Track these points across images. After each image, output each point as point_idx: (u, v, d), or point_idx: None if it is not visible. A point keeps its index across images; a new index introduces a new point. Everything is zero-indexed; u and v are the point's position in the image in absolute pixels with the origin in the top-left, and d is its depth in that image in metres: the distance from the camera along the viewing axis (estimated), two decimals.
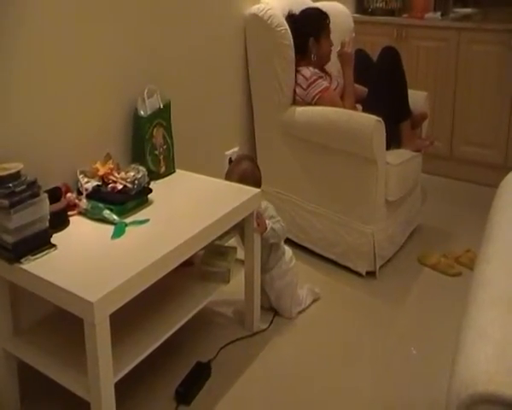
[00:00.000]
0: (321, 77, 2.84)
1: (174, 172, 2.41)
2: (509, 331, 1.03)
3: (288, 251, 2.48)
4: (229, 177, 2.38)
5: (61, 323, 1.88)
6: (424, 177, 3.29)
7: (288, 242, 2.92)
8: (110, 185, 2.02)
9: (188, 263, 2.15)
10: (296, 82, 2.85)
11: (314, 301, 2.57)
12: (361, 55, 3.20)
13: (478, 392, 0.91)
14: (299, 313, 2.49)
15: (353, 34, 3.50)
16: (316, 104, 2.80)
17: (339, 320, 2.47)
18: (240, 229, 2.31)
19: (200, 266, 2.23)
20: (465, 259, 2.85)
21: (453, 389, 0.96)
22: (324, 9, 3.01)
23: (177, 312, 1.98)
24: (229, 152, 2.95)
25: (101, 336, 1.53)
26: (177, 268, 1.82)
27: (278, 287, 2.41)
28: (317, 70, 2.87)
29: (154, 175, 2.27)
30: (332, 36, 3.00)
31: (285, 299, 2.43)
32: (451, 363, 1.04)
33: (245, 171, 2.37)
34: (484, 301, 1.14)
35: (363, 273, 2.75)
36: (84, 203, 1.95)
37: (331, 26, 2.99)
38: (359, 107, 2.93)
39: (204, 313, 2.25)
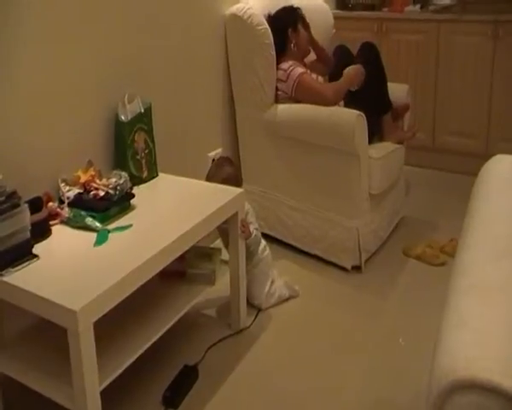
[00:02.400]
0: (298, 66, 2.84)
1: (157, 176, 2.39)
2: (486, 318, 1.03)
3: (261, 241, 2.48)
4: (211, 181, 2.37)
5: (44, 334, 1.87)
6: (407, 169, 3.30)
7: (273, 240, 2.94)
8: (92, 192, 2.01)
9: (180, 273, 2.15)
10: (277, 78, 2.84)
11: (291, 297, 2.56)
12: (342, 50, 3.19)
13: (457, 379, 0.91)
14: (278, 305, 2.50)
15: (333, 30, 3.50)
16: (296, 93, 2.79)
17: (325, 315, 2.47)
18: (222, 230, 2.30)
19: (189, 269, 2.22)
20: (449, 248, 2.85)
21: (433, 378, 0.97)
22: (304, 6, 3.04)
23: (162, 316, 1.97)
24: (212, 154, 2.93)
25: (85, 344, 1.52)
26: (169, 277, 1.80)
27: (250, 275, 2.41)
28: (296, 62, 2.88)
29: (137, 180, 2.26)
30: (312, 32, 3.03)
31: (256, 287, 2.44)
32: (432, 353, 1.04)
33: (229, 175, 2.39)
34: (462, 288, 1.14)
35: (349, 268, 2.75)
36: (66, 212, 1.94)
37: (311, 23, 3.02)
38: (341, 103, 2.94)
39: (189, 315, 2.24)
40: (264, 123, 2.89)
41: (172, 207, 2.09)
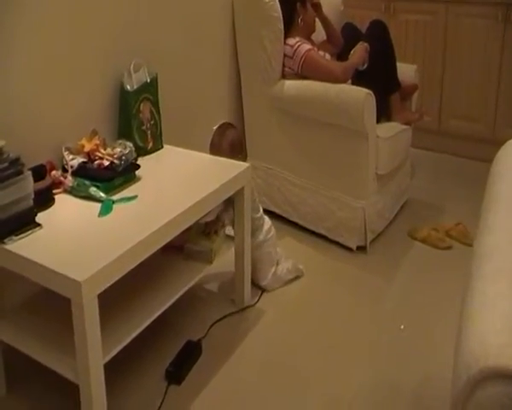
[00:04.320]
0: (305, 43, 2.77)
1: (162, 147, 2.36)
2: None
3: (267, 222, 2.44)
4: (216, 149, 2.31)
5: (46, 304, 1.83)
6: (412, 151, 3.25)
7: (277, 217, 2.90)
8: (96, 162, 1.97)
9: (178, 247, 2.10)
10: (284, 54, 2.78)
11: (297, 277, 2.53)
12: (350, 27, 3.15)
13: (489, 366, 0.87)
14: (282, 285, 2.47)
15: (342, 7, 3.43)
16: (303, 70, 2.73)
17: (329, 295, 2.44)
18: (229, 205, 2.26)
19: (186, 244, 2.17)
20: (455, 232, 2.82)
21: (461, 364, 0.92)
22: None
23: (165, 291, 1.93)
24: (217, 126, 2.88)
25: (89, 316, 1.48)
26: (166, 250, 1.77)
27: (255, 257, 2.37)
28: (302, 38, 2.81)
29: (142, 151, 2.23)
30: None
31: (261, 268, 2.41)
32: (457, 338, 1.00)
33: (233, 140, 2.34)
34: (489, 272, 1.09)
35: (354, 248, 2.72)
36: (69, 181, 1.90)
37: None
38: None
39: (191, 290, 2.20)
40: (270, 98, 2.84)
41: (178, 180, 2.05)
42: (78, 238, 1.63)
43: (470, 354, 0.91)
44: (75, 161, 1.95)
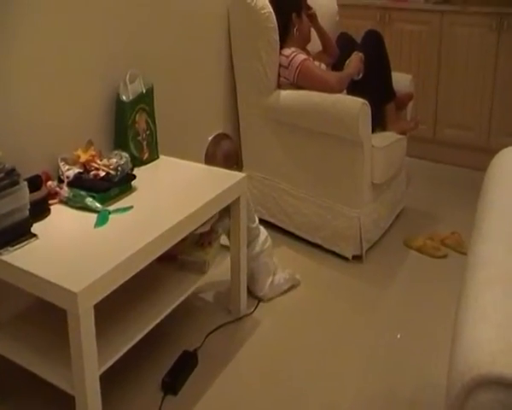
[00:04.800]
0: (301, 53, 2.79)
1: (158, 158, 2.36)
2: (510, 311, 0.99)
3: (263, 232, 2.45)
4: (211, 160, 2.32)
5: (42, 315, 1.83)
6: (408, 160, 3.27)
7: (273, 227, 2.90)
8: (92, 172, 1.98)
9: (171, 257, 2.11)
10: (279, 64, 2.80)
11: (293, 286, 2.53)
12: (345, 37, 3.17)
13: (482, 374, 0.88)
14: (278, 295, 2.47)
15: (337, 17, 3.45)
16: (298, 80, 2.74)
17: (325, 304, 2.44)
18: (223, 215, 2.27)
19: (180, 255, 2.18)
20: (451, 241, 2.83)
21: (455, 372, 0.93)
22: None
23: (161, 301, 1.94)
24: (212, 136, 2.88)
25: (85, 327, 1.48)
26: (160, 260, 1.77)
27: (252, 267, 2.38)
28: (298, 48, 2.83)
29: (138, 161, 2.23)
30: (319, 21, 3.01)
31: (258, 279, 2.41)
32: (451, 346, 1.01)
33: (228, 150, 2.35)
34: (483, 280, 1.10)
35: (350, 257, 2.73)
36: (65, 191, 1.90)
37: (315, 8, 2.98)
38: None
39: (187, 299, 2.20)
40: (265, 108, 2.85)
41: (174, 191, 2.05)
42: (73, 249, 1.63)
43: (464, 361, 0.92)
44: (71, 172, 1.95)
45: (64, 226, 1.77)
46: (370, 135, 2.63)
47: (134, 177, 2.04)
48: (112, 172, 1.97)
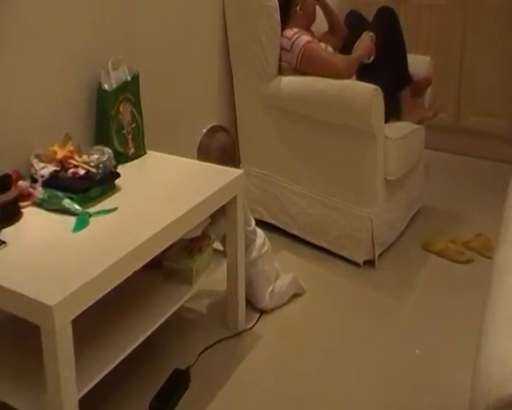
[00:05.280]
0: (304, 34, 2.79)
1: (145, 153, 2.37)
2: None
3: (260, 235, 2.45)
4: (204, 155, 2.31)
5: (12, 333, 1.82)
6: (427, 152, 3.27)
7: (274, 229, 2.91)
8: (70, 170, 1.97)
9: (155, 264, 2.10)
10: (281, 47, 2.80)
11: (297, 295, 2.54)
12: (354, 16, 3.17)
13: (509, 393, 0.87)
14: (281, 306, 2.47)
15: None
16: (302, 64, 2.74)
17: (333, 316, 2.44)
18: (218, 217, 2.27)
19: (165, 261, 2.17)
20: (476, 244, 2.83)
21: (478, 391, 0.92)
22: None
23: (148, 315, 1.93)
24: (206, 128, 2.88)
25: (62, 345, 1.47)
26: (144, 267, 1.77)
27: (249, 275, 2.38)
28: (301, 29, 2.83)
29: (122, 158, 2.24)
30: None
31: (257, 288, 2.41)
32: (474, 361, 1.00)
33: (225, 143, 2.34)
34: (510, 288, 1.09)
35: (361, 263, 2.73)
36: (39, 192, 1.89)
37: None
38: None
39: (179, 312, 2.21)
40: (266, 96, 2.86)
41: (162, 190, 2.05)
42: (48, 257, 1.63)
43: (489, 379, 0.92)
44: (46, 170, 1.94)
45: (38, 231, 1.76)
46: (383, 125, 2.63)
47: (118, 175, 2.04)
48: (93, 169, 1.96)
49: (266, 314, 2.42)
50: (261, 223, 2.59)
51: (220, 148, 2.31)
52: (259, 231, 2.46)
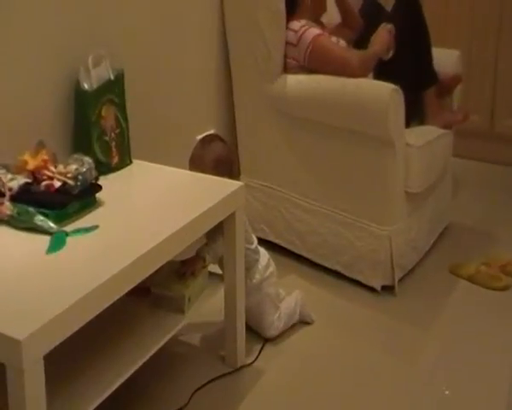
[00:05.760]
0: (313, 26, 2.81)
1: (130, 163, 2.38)
2: None
3: (264, 254, 2.46)
4: (198, 166, 2.32)
5: None
6: (455, 161, 3.27)
7: (279, 250, 2.93)
8: (44, 183, 1.96)
9: (142, 290, 2.10)
10: (286, 41, 2.82)
11: (305, 324, 2.55)
12: (371, 4, 3.19)
13: None
14: (287, 338, 2.47)
15: None
16: (310, 61, 2.76)
17: (347, 350, 2.44)
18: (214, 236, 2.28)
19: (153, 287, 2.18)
20: None
21: None
22: None
23: (132, 350, 1.92)
24: (201, 137, 2.90)
25: (31, 385, 1.46)
26: (128, 296, 1.77)
27: (251, 302, 2.39)
28: (309, 21, 2.85)
29: (105, 168, 2.25)
30: None
31: (262, 315, 2.42)
32: (508, 400, 1.00)
33: (219, 155, 2.34)
34: None
35: (378, 288, 2.74)
36: (7, 208, 1.88)
37: None
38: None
39: (169, 345, 2.21)
40: (269, 98, 2.88)
41: (150, 205, 2.05)
42: (17, 283, 1.62)
43: None
44: (15, 183, 1.94)
45: (5, 253, 1.76)
46: (404, 130, 2.64)
47: (99, 188, 2.04)
48: (70, 181, 1.96)
49: (269, 347, 2.43)
50: (264, 243, 2.58)
51: (215, 159, 2.31)
52: (263, 251, 2.47)
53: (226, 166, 2.29)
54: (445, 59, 3.11)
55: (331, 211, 2.81)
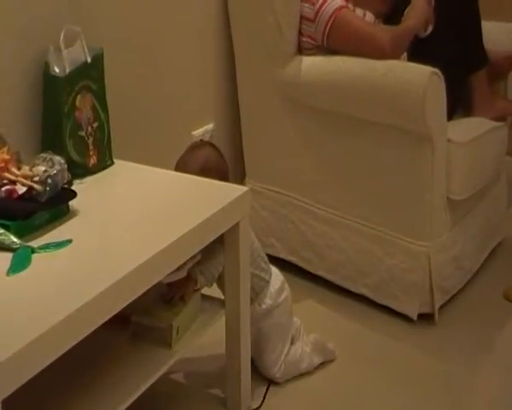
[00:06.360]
0: None
1: (111, 164, 2.40)
2: None
3: (277, 276, 2.46)
4: (181, 171, 2.33)
5: None
6: (510, 161, 3.24)
7: (293, 269, 2.93)
8: (5, 188, 1.96)
9: (120, 319, 2.07)
10: (301, 16, 2.81)
11: (325, 362, 2.54)
12: None
13: None
14: (297, 377, 2.46)
15: None
16: (330, 39, 2.75)
17: (375, 392, 2.42)
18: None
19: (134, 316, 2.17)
20: None
21: None
22: None
23: (108, 395, 1.91)
24: (198, 132, 2.93)
25: None
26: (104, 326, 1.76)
27: (259, 332, 2.40)
28: None
29: (80, 170, 2.26)
30: None
31: (268, 349, 2.42)
32: None
33: (206, 164, 2.34)
34: None
35: (414, 317, 2.73)
36: None
37: None
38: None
39: (158, 384, 2.17)
40: (280, 86, 2.89)
41: (134, 215, 2.05)
42: None
43: None
44: None
45: None
46: (446, 123, 2.63)
47: (74, 194, 2.05)
48: (37, 186, 1.96)
49: (280, 387, 2.42)
50: (274, 260, 2.57)
51: (200, 168, 2.31)
52: (275, 271, 2.47)
53: (213, 178, 2.27)
54: (497, 36, 3.13)
55: (355, 222, 2.81)
